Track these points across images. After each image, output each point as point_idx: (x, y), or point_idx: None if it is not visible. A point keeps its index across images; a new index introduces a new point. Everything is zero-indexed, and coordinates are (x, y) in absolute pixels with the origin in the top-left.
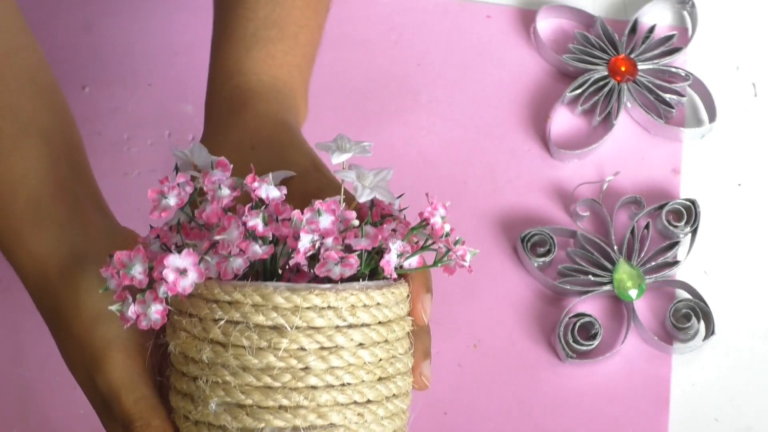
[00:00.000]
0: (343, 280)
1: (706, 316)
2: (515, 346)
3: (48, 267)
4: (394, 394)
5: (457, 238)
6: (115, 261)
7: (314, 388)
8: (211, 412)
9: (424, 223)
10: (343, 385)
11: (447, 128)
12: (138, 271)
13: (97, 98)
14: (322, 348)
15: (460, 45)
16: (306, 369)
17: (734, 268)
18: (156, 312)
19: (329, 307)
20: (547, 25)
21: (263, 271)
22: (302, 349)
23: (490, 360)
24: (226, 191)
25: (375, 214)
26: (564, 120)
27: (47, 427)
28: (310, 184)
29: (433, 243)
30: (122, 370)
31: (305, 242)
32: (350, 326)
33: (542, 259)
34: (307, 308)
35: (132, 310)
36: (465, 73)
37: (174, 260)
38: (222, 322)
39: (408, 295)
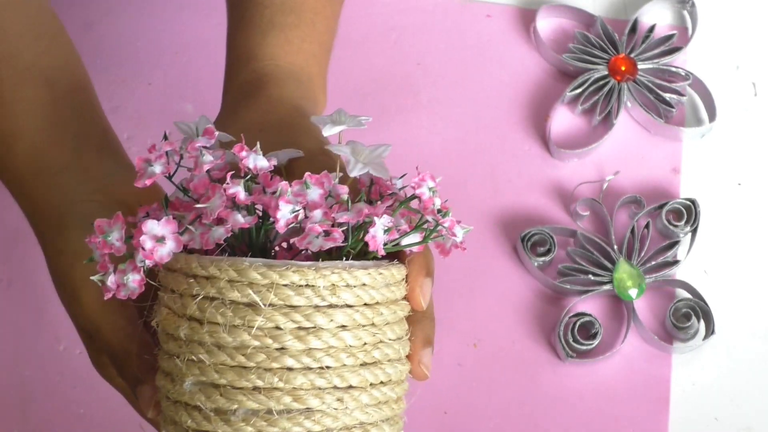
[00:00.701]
0: (330, 258)
1: (706, 315)
2: (515, 345)
3: (44, 213)
4: (381, 381)
5: (445, 210)
6: (95, 228)
7: (290, 369)
8: (186, 391)
9: (413, 196)
10: (321, 368)
11: (447, 128)
12: (115, 238)
13: None
14: (300, 328)
15: (460, 45)
16: (282, 349)
17: (734, 268)
18: (133, 281)
19: (307, 285)
20: (547, 24)
21: (250, 246)
22: (278, 328)
23: (490, 359)
24: (208, 157)
25: (374, 192)
26: (564, 119)
27: (47, 427)
28: (315, 165)
29: (426, 222)
30: (98, 303)
31: (285, 212)
32: (330, 306)
33: (542, 258)
34: (284, 285)
35: (111, 280)
36: (465, 73)
37: (152, 227)
38: (199, 298)
39: (403, 279)
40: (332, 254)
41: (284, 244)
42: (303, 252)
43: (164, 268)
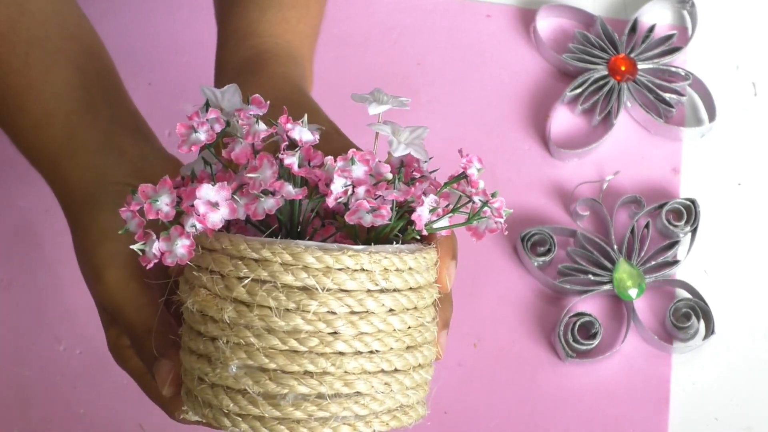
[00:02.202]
0: (369, 242)
1: (706, 315)
2: (515, 345)
3: (77, 192)
4: (420, 364)
5: (494, 191)
6: (140, 193)
7: (342, 354)
8: (230, 375)
9: (462, 175)
10: (371, 352)
11: (447, 128)
12: (165, 203)
13: None
14: (352, 312)
15: (460, 44)
16: (334, 334)
17: (734, 268)
18: (183, 247)
19: (362, 270)
20: (547, 24)
21: (290, 214)
22: (332, 312)
23: (490, 359)
24: (262, 126)
25: (406, 174)
26: (564, 119)
27: (47, 427)
28: (334, 144)
29: (468, 202)
30: (122, 282)
31: (338, 186)
32: (382, 291)
33: (542, 258)
34: (339, 270)
35: (156, 247)
36: (465, 73)
37: (207, 191)
38: (247, 281)
39: (436, 262)
40: (370, 233)
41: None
42: (331, 235)
43: (201, 247)
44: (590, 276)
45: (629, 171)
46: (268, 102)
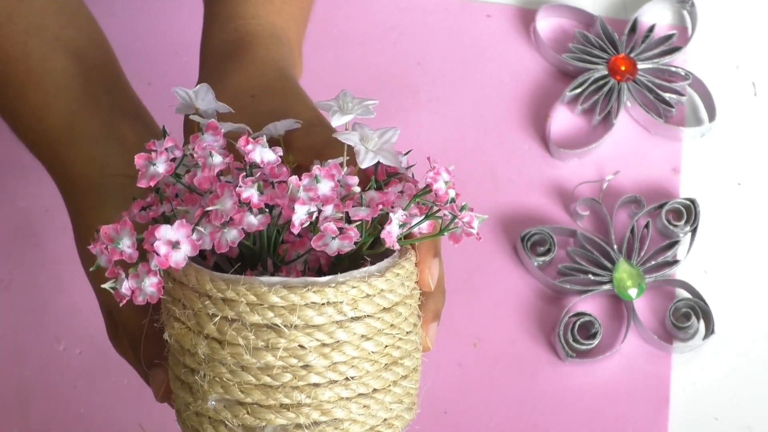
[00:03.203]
0: (342, 256)
1: (706, 315)
2: (515, 345)
3: (78, 185)
4: (401, 376)
5: (463, 204)
6: (102, 236)
7: (316, 385)
8: (210, 408)
9: (427, 189)
10: (346, 379)
11: (447, 127)
12: (126, 245)
13: None
14: (323, 345)
15: (460, 44)
16: (307, 367)
17: (734, 268)
18: (151, 285)
19: (328, 303)
20: (547, 24)
21: (259, 240)
22: (302, 347)
23: (490, 359)
24: (218, 158)
25: (380, 173)
26: (564, 119)
27: (47, 427)
28: (314, 137)
29: (438, 210)
30: None
31: (300, 214)
32: (353, 320)
33: (542, 258)
34: (305, 306)
35: (126, 286)
36: (465, 73)
37: (166, 232)
38: (217, 319)
39: (415, 266)
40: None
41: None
42: (305, 253)
43: (172, 279)
44: (590, 276)
45: (629, 171)
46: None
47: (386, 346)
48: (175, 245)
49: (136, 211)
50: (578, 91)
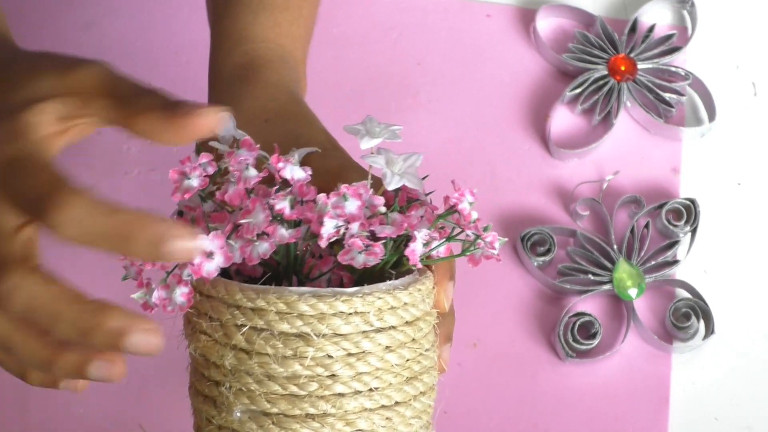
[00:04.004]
0: (367, 271)
1: (706, 315)
2: (515, 345)
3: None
4: (420, 392)
5: (486, 225)
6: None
7: (341, 395)
8: (235, 420)
9: (453, 209)
10: (370, 390)
11: (446, 128)
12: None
13: None
14: (349, 354)
15: (460, 44)
16: (333, 377)
17: (734, 268)
18: (182, 295)
19: (356, 313)
20: (546, 24)
21: (286, 255)
22: (329, 356)
23: (490, 359)
24: (253, 172)
25: (401, 198)
26: (564, 119)
27: (47, 427)
28: (330, 161)
29: (461, 231)
30: None
31: (329, 227)
32: (378, 330)
33: (542, 258)
34: (333, 315)
35: (156, 296)
36: (465, 73)
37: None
38: (245, 329)
39: (433, 287)
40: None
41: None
42: (330, 269)
43: (198, 293)
44: (590, 276)
45: (629, 171)
46: (258, 145)
47: (408, 359)
48: (209, 255)
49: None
50: (578, 91)
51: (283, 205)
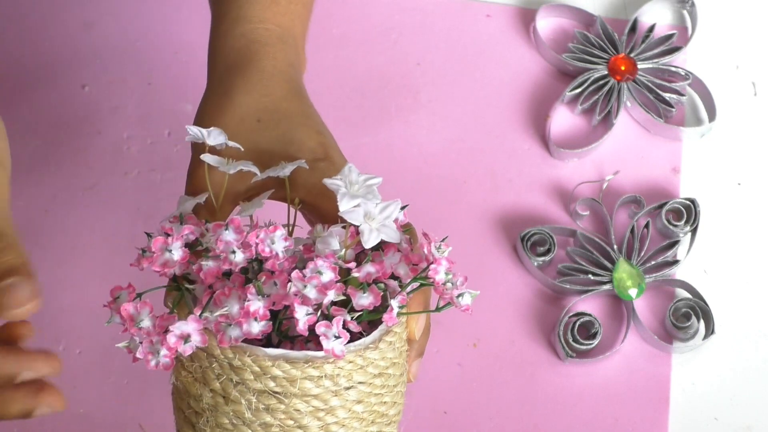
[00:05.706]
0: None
1: (706, 315)
2: (515, 345)
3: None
4: (387, 423)
5: (456, 280)
6: (124, 316)
7: None
8: None
9: (427, 269)
10: None
11: (446, 128)
12: (147, 325)
13: (97, 97)
14: (318, 410)
15: (460, 44)
16: (302, 427)
17: (734, 268)
18: (165, 356)
19: (326, 376)
20: (546, 24)
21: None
22: (298, 411)
23: (489, 359)
24: (240, 256)
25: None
26: (564, 119)
27: (47, 427)
28: (317, 174)
29: (431, 282)
30: None
31: (301, 314)
32: (347, 388)
33: (542, 258)
34: (304, 378)
35: (140, 351)
36: (465, 73)
37: (180, 326)
38: (222, 379)
39: (405, 322)
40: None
41: None
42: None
43: None
44: (590, 276)
45: (629, 171)
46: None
47: (374, 404)
48: (186, 339)
49: (151, 306)
50: (578, 91)
51: (257, 306)
